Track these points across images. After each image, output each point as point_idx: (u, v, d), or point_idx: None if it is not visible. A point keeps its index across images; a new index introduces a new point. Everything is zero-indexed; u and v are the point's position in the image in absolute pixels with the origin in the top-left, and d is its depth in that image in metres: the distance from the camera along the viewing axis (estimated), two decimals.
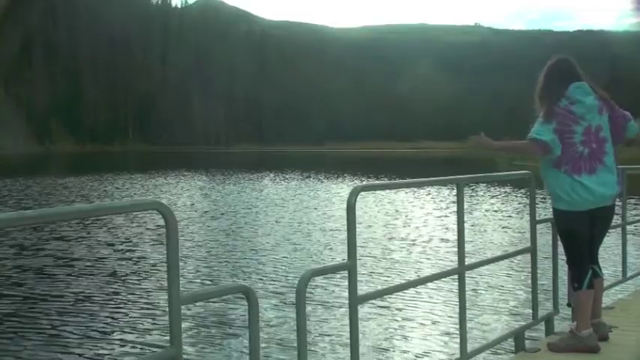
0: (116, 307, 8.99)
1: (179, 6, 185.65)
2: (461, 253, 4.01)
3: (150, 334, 7.69)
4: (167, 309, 2.28)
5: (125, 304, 9.17)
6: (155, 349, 7.00)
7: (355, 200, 3.10)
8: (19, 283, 10.57)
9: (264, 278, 10.69)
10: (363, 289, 3.30)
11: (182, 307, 2.26)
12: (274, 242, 14.61)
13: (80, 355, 7.11)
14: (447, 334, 7.52)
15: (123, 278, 10.88)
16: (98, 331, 7.87)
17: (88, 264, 12.21)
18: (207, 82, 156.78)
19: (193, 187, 33.19)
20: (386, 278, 10.52)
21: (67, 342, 7.50)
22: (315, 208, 21.99)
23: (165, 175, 43.22)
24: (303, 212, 20.79)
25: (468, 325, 4.41)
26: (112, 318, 8.44)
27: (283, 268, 11.61)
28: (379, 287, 8.59)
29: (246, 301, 2.51)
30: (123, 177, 40.05)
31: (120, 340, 7.53)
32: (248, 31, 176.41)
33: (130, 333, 7.77)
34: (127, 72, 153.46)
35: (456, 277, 4.02)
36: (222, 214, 20.71)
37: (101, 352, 7.18)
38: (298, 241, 14.80)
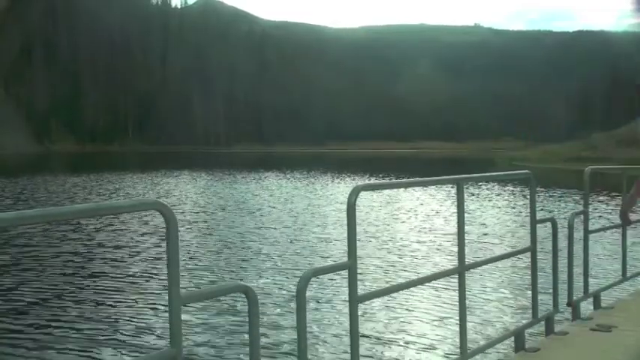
0: (116, 307, 8.98)
1: (179, 6, 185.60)
2: (461, 253, 4.00)
3: (150, 334, 7.69)
4: (167, 309, 2.28)
5: (125, 303, 9.16)
6: (155, 349, 7.00)
7: (355, 200, 3.09)
8: (18, 283, 10.56)
9: (265, 278, 10.70)
10: (363, 288, 3.30)
11: (182, 306, 2.26)
12: (275, 241, 14.61)
13: (80, 354, 7.11)
14: (447, 333, 7.52)
15: (123, 278, 10.88)
16: (98, 331, 7.86)
17: (88, 263, 12.21)
18: (207, 83, 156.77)
19: (194, 187, 33.18)
20: (386, 277, 10.52)
21: (66, 341, 7.50)
22: (316, 208, 21.99)
23: (166, 175, 43.21)
24: (303, 211, 20.79)
25: (469, 324, 4.40)
26: (112, 318, 8.44)
27: (283, 267, 11.62)
28: (379, 286, 8.60)
29: (247, 300, 2.51)
30: (126, 177, 40.06)
31: (120, 339, 7.53)
32: (248, 32, 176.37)
33: (129, 333, 7.76)
34: (127, 72, 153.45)
35: (456, 276, 4.02)
36: (223, 213, 20.71)
37: (101, 351, 7.18)
38: (299, 240, 14.81)
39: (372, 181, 37.64)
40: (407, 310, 8.59)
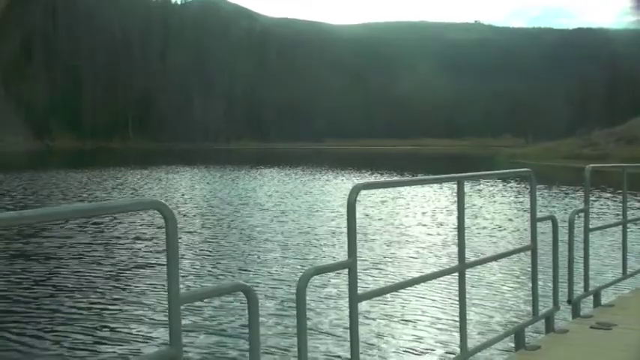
0: (116, 307, 8.98)
1: (179, 3, 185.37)
2: (461, 251, 3.99)
3: (149, 334, 7.68)
4: (167, 308, 2.28)
5: (125, 303, 9.16)
6: (155, 349, 7.00)
7: (355, 198, 3.08)
8: (18, 283, 10.55)
9: (265, 277, 10.68)
10: (363, 287, 3.29)
11: (182, 306, 2.25)
12: (275, 240, 14.59)
13: (80, 354, 7.11)
14: (448, 331, 7.52)
15: (123, 277, 10.87)
16: (97, 331, 7.86)
17: (88, 263, 12.20)
18: (208, 80, 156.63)
19: (195, 183, 33.14)
20: (386, 276, 10.51)
21: (66, 341, 7.49)
22: (318, 204, 21.98)
23: (167, 171, 43.16)
24: (304, 210, 20.77)
25: (469, 322, 4.40)
26: (112, 317, 8.43)
27: (284, 266, 11.61)
28: (379, 285, 8.61)
29: (246, 299, 2.50)
30: (128, 173, 40.03)
31: (119, 339, 7.53)
32: (248, 29, 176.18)
33: (129, 332, 7.76)
34: (127, 69, 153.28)
35: (456, 274, 4.01)
36: (223, 210, 20.67)
37: (100, 351, 7.18)
38: (299, 239, 14.79)
39: (374, 178, 37.70)
40: (407, 308, 8.58)
